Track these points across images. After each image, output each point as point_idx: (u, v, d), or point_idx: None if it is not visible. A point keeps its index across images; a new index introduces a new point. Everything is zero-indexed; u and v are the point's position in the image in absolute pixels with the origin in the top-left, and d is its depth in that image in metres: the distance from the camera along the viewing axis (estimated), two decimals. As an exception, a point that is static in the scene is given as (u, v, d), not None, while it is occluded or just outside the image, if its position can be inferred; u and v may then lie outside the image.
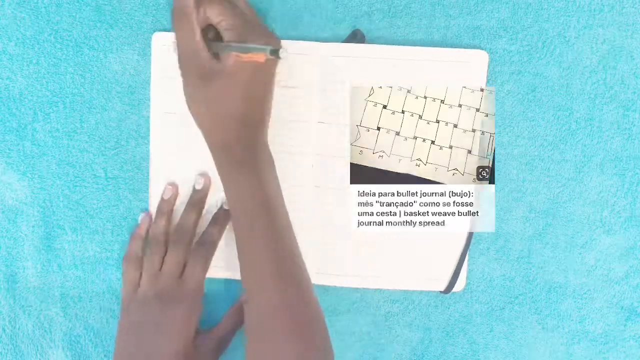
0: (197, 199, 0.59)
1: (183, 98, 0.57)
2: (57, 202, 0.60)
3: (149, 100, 0.59)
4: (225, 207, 0.60)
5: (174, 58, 0.55)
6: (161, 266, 0.58)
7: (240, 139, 0.53)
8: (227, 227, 0.60)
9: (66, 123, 0.59)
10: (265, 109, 0.55)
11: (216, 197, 0.60)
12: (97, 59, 0.59)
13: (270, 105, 0.56)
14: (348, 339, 0.62)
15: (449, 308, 0.62)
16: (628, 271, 0.62)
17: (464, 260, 0.60)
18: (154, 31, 0.59)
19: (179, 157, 0.60)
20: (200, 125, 0.55)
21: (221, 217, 0.60)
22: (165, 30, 0.59)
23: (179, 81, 0.57)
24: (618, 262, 0.62)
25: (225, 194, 0.55)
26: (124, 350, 0.57)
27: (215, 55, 0.53)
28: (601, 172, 0.61)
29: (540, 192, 0.61)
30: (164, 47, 0.58)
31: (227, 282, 0.61)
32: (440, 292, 0.61)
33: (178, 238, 0.58)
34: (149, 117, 0.59)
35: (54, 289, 0.61)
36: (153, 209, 0.60)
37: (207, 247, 0.59)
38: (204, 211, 0.60)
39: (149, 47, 0.59)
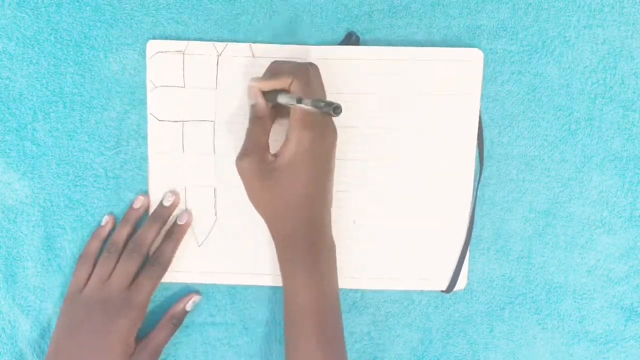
0: (162, 215, 0.60)
1: (179, 105, 0.57)
2: (57, 202, 0.60)
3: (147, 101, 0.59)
4: (179, 222, 0.60)
5: (168, 70, 0.57)
6: (111, 273, 0.58)
7: (302, 229, 0.54)
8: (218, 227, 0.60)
9: (66, 123, 0.59)
10: (325, 194, 0.55)
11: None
12: (97, 59, 0.59)
13: (331, 189, 0.56)
14: (348, 339, 0.62)
15: (449, 308, 0.62)
16: (628, 271, 0.62)
17: (464, 258, 0.60)
18: (154, 31, 0.59)
19: (177, 159, 0.60)
20: (262, 216, 0.56)
21: (176, 232, 0.60)
22: (164, 33, 0.59)
23: (174, 88, 0.58)
24: (618, 262, 0.62)
25: (283, 286, 0.55)
26: (60, 348, 0.56)
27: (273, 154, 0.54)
28: (601, 172, 0.61)
29: (540, 192, 0.61)
30: (158, 54, 0.58)
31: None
32: (442, 291, 0.61)
33: (133, 249, 0.58)
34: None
35: (54, 289, 0.61)
36: (153, 208, 0.60)
37: (161, 262, 0.59)
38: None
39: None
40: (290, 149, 0.52)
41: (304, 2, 0.59)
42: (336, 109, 0.48)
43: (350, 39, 0.59)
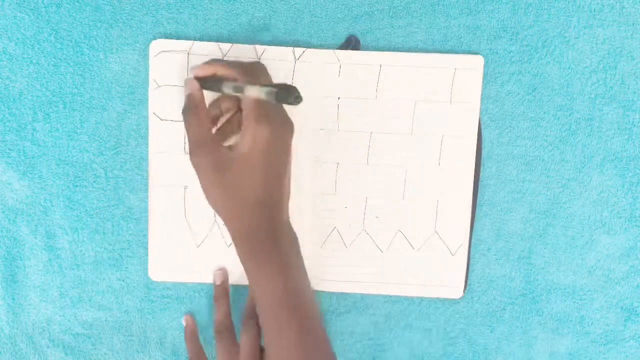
0: (221, 293, 0.60)
1: (181, 105, 0.57)
2: (57, 202, 0.60)
3: (149, 100, 0.59)
4: (217, 283, 0.60)
5: (172, 69, 0.57)
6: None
7: (261, 224, 0.52)
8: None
9: (66, 123, 0.59)
10: (283, 188, 0.53)
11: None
12: (97, 59, 0.59)
13: (289, 181, 0.54)
14: (348, 340, 0.62)
15: (449, 309, 0.62)
16: (628, 271, 0.62)
17: (464, 261, 0.61)
18: (154, 31, 0.59)
19: (177, 159, 0.60)
20: (220, 214, 0.53)
21: (217, 294, 0.61)
22: (164, 32, 0.59)
23: (177, 88, 0.58)
24: (618, 262, 0.62)
25: (250, 286, 0.53)
26: None
27: (227, 145, 0.53)
28: (601, 172, 0.61)
29: (541, 192, 0.61)
30: (162, 53, 0.58)
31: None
32: (443, 297, 0.61)
33: (249, 318, 0.58)
34: (148, 117, 0.59)
35: (54, 289, 0.61)
36: (153, 209, 0.60)
37: (220, 328, 0.60)
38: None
39: (149, 46, 0.59)
40: (247, 143, 0.51)
41: (304, 2, 0.59)
42: (296, 98, 0.44)
43: (351, 43, 0.59)
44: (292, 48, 0.58)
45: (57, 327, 0.61)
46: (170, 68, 0.58)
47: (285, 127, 0.53)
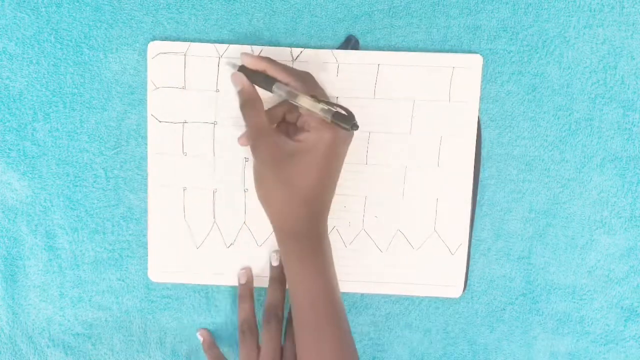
0: (245, 292, 0.60)
1: (179, 106, 0.57)
2: (57, 202, 0.60)
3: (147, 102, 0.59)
4: (241, 282, 0.60)
5: (170, 71, 0.58)
6: (259, 350, 0.58)
7: (309, 225, 0.53)
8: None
9: (66, 123, 0.59)
10: (332, 191, 0.55)
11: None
12: (97, 59, 0.59)
13: (337, 181, 0.55)
14: (348, 340, 0.62)
15: (449, 309, 0.62)
16: (628, 271, 0.62)
17: (464, 261, 0.60)
18: (154, 31, 0.59)
19: (176, 160, 0.60)
20: (268, 209, 0.54)
21: (242, 292, 0.60)
22: (164, 33, 0.59)
23: (175, 90, 0.58)
24: (618, 262, 0.61)
25: (289, 279, 0.55)
26: None
27: (287, 135, 0.54)
28: (601, 172, 0.60)
29: (540, 192, 0.61)
30: (160, 55, 0.58)
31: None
32: (443, 297, 0.61)
33: (270, 318, 0.58)
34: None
35: (54, 289, 0.61)
36: (152, 210, 0.60)
37: (243, 328, 0.59)
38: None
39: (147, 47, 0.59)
40: (312, 138, 0.51)
41: (304, 2, 0.59)
42: (354, 126, 0.49)
43: (350, 43, 0.59)
44: (289, 48, 0.59)
45: (57, 327, 0.62)
46: (168, 70, 0.58)
47: (347, 135, 0.53)
